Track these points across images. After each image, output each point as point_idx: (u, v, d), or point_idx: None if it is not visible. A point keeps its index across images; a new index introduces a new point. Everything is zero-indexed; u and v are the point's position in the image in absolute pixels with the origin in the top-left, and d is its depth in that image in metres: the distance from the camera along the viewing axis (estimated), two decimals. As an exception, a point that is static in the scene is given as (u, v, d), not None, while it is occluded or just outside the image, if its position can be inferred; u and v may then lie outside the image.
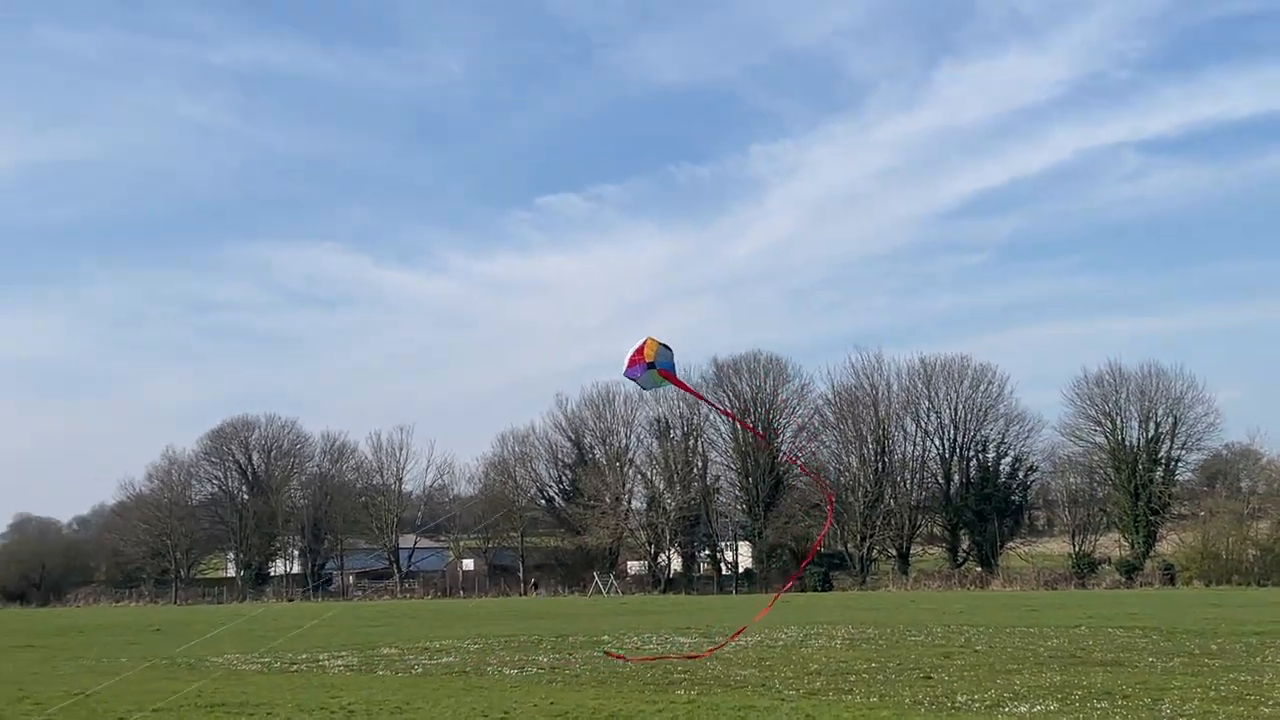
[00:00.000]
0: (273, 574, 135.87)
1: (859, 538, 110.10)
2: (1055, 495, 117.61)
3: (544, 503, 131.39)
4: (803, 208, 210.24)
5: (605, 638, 38.96)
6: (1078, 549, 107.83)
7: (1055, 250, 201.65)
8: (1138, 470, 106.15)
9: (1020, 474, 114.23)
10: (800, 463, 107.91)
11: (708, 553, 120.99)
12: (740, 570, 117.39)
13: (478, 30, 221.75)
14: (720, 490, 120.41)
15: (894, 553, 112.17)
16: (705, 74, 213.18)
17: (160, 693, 23.71)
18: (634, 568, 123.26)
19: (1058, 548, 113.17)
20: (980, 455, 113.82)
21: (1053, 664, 27.34)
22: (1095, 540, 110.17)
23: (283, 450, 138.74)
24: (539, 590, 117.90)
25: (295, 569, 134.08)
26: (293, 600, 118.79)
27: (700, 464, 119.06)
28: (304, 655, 34.59)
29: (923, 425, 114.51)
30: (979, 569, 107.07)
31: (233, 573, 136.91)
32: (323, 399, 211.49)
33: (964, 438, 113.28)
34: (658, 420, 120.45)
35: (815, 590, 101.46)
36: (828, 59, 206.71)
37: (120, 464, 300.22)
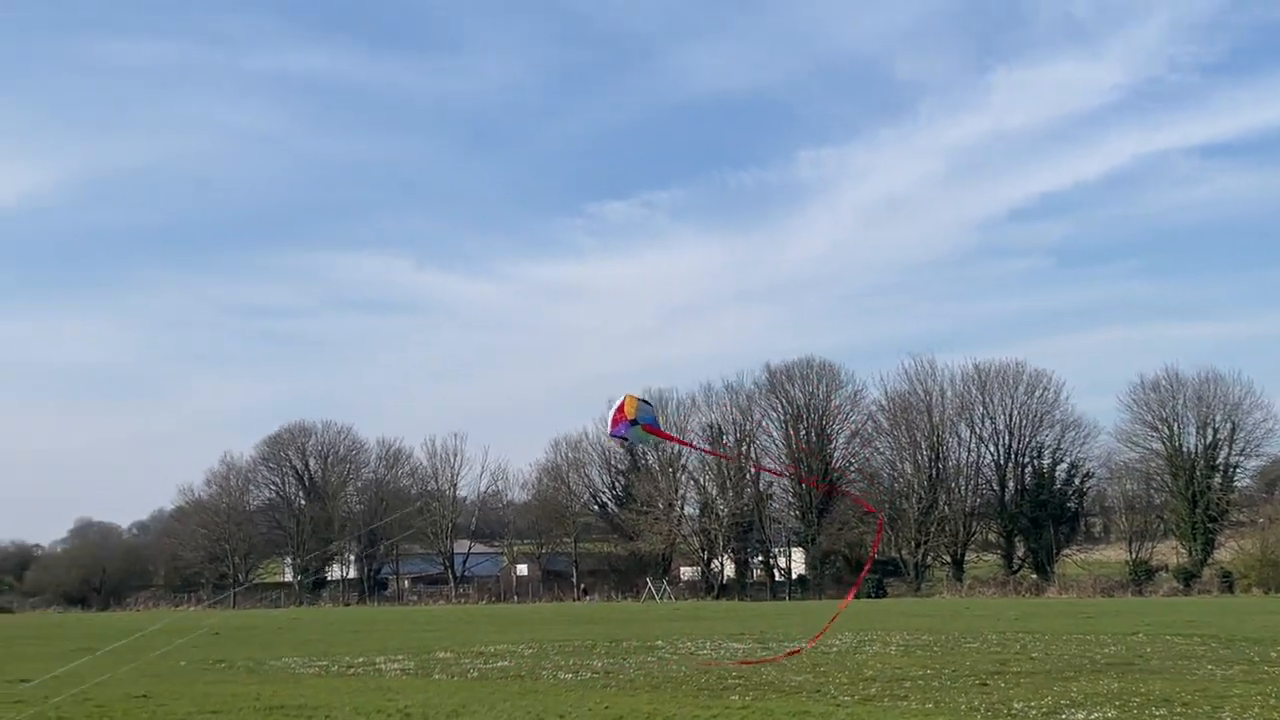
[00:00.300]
0: (329, 579, 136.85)
1: (913, 544, 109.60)
2: (1111, 502, 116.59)
3: (597, 508, 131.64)
4: (853, 213, 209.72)
5: (659, 643, 39.01)
6: (1134, 556, 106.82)
7: (1110, 255, 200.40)
8: (1195, 477, 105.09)
9: (1076, 480, 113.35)
10: (851, 492, 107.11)
11: (761, 559, 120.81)
12: (794, 577, 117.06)
13: (526, 36, 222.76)
14: (773, 496, 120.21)
15: (948, 559, 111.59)
16: (753, 80, 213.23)
17: (219, 695, 24.01)
18: (687, 574, 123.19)
19: (1114, 555, 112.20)
20: (1035, 461, 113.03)
21: (1110, 671, 27.14)
22: (1152, 547, 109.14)
23: (339, 456, 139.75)
24: (589, 596, 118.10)
25: (351, 574, 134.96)
26: (349, 604, 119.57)
27: (753, 470, 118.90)
28: (360, 659, 34.87)
29: (977, 431, 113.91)
30: (1034, 576, 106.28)
31: (290, 577, 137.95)
32: (377, 405, 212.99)
33: (1019, 444, 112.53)
34: (710, 426, 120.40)
35: (869, 597, 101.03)
36: (876, 64, 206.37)
37: (179, 469, 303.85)
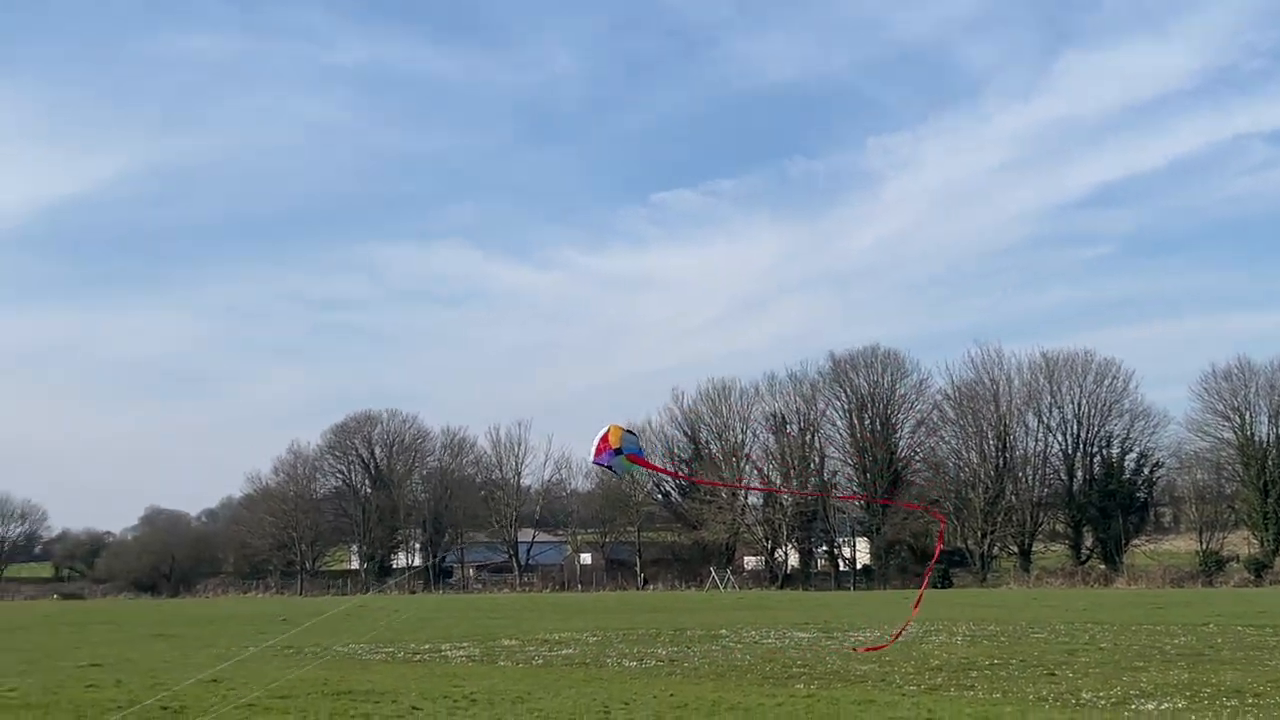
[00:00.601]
0: (395, 566, 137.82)
1: (979, 534, 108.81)
2: (1181, 492, 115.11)
3: (660, 498, 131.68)
4: (920, 200, 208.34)
5: (723, 632, 39.00)
6: (1205, 546, 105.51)
7: (1181, 243, 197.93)
8: (1267, 466, 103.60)
9: (1145, 470, 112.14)
10: (918, 504, 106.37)
11: (825, 549, 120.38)
12: (858, 567, 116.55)
13: (590, 27, 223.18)
14: (837, 486, 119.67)
15: (1015, 550, 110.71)
16: (819, 67, 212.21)
17: (287, 680, 24.24)
18: (750, 563, 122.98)
19: (1184, 545, 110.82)
20: (1104, 451, 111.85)
21: (1180, 662, 26.82)
22: (1223, 538, 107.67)
23: (404, 445, 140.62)
24: (651, 585, 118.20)
25: (417, 561, 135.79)
26: (414, 592, 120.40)
27: (817, 459, 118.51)
28: (426, 645, 35.12)
29: (1044, 420, 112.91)
30: (1103, 566, 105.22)
31: (356, 565, 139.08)
32: (441, 394, 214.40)
33: (1087, 433, 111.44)
34: (774, 415, 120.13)
35: (935, 587, 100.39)
36: (943, 50, 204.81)
37: (247, 458, 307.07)
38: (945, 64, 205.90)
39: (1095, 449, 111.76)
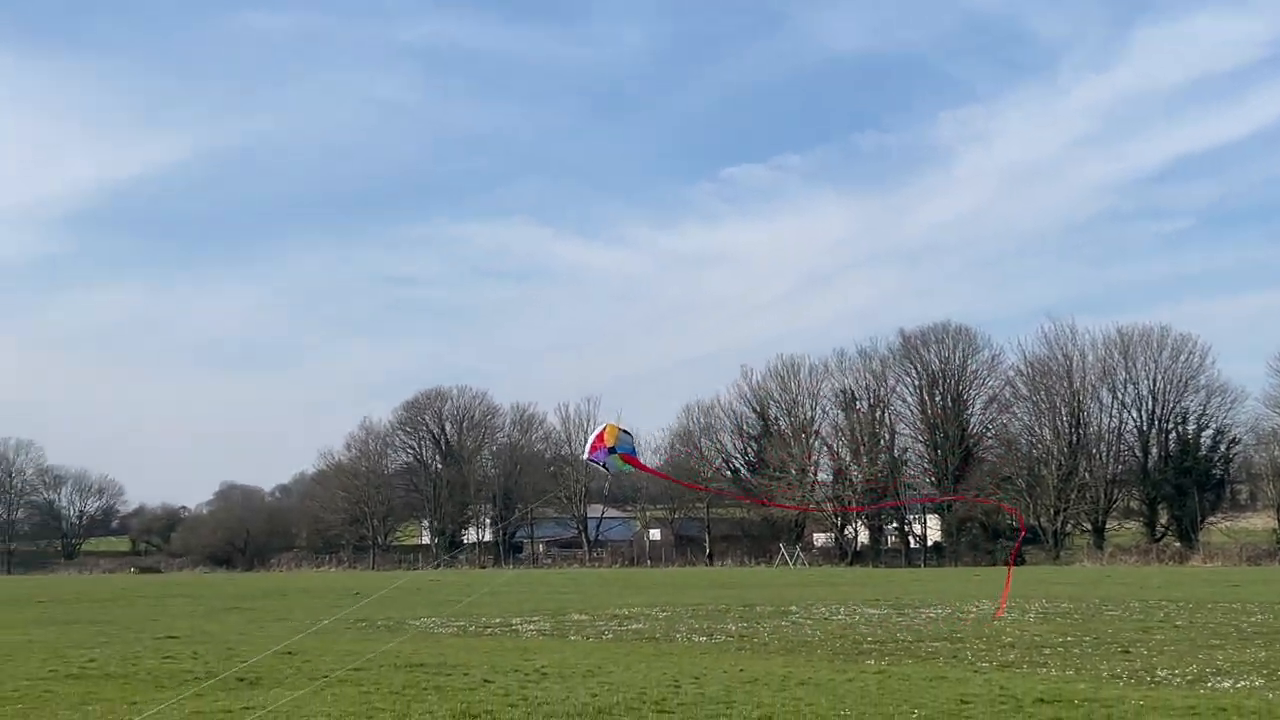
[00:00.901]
0: (465, 541, 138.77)
1: (1052, 512, 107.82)
2: (1259, 469, 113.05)
3: (729, 474, 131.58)
4: (993, 175, 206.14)
5: (793, 608, 38.95)
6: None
7: (1259, 216, 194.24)
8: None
9: (1222, 447, 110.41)
10: (1011, 508, 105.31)
11: (895, 525, 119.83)
12: (929, 543, 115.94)
13: (657, 1, 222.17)
14: (908, 462, 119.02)
15: (1088, 527, 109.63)
16: (891, 39, 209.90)
17: (360, 653, 24.49)
18: (820, 539, 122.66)
19: (1261, 523, 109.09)
20: (1180, 428, 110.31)
21: (1257, 640, 26.44)
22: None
23: (474, 421, 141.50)
24: (716, 561, 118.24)
25: (487, 536, 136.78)
26: (485, 567, 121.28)
27: (888, 435, 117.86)
28: (497, 620, 35.34)
29: (1119, 396, 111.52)
30: (1178, 544, 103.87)
31: (427, 540, 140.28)
32: (511, 371, 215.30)
33: (1163, 409, 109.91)
34: (843, 392, 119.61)
35: (1006, 564, 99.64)
36: (1017, 21, 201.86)
37: (320, 434, 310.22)
38: (1019, 36, 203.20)
39: (1170, 425, 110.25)
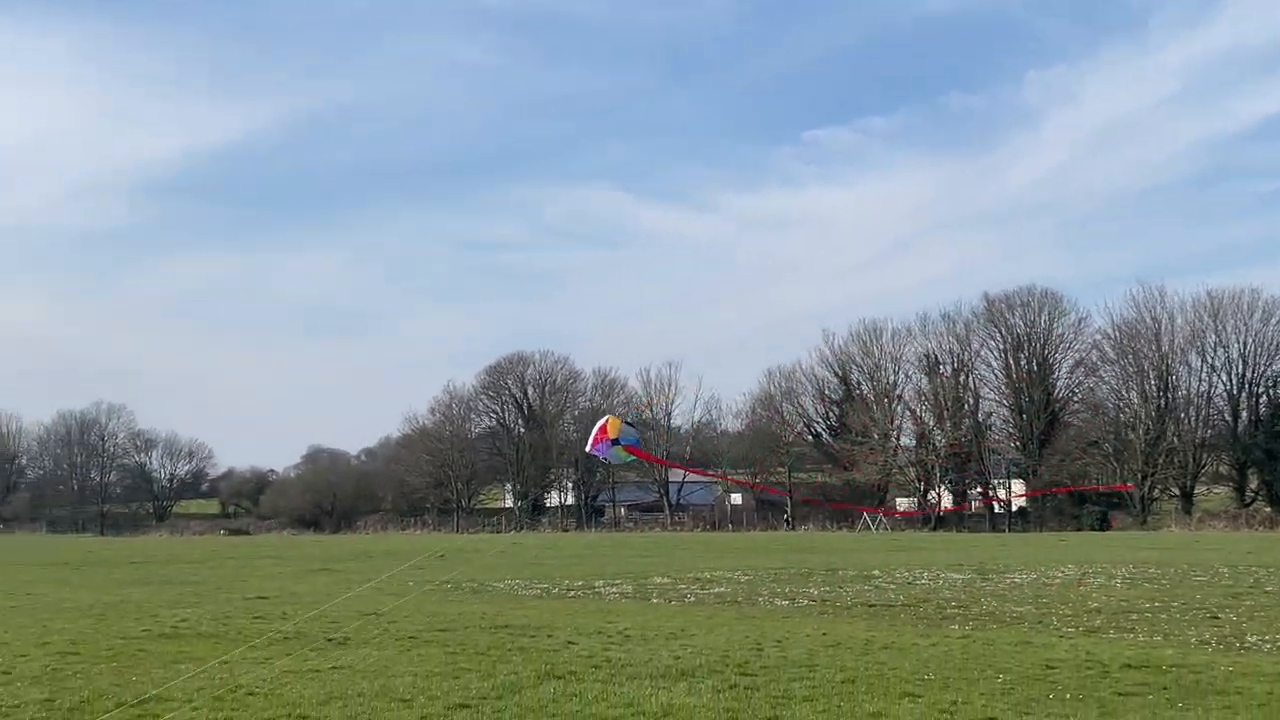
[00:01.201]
0: (548, 505, 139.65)
1: (1139, 476, 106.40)
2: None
3: (811, 438, 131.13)
4: (1080, 135, 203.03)
5: (875, 572, 38.82)
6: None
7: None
8: None
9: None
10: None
11: (979, 490, 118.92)
12: (1014, 509, 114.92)
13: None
14: (992, 427, 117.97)
15: (1176, 492, 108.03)
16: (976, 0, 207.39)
17: (446, 614, 24.77)
18: (902, 504, 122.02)
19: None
20: (1271, 392, 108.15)
21: (1352, 608, 25.97)
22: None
23: (556, 385, 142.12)
24: (798, 526, 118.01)
25: (569, 500, 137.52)
26: (567, 530, 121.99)
27: (972, 400, 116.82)
28: (580, 582, 35.57)
29: (1209, 360, 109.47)
30: (1268, 509, 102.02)
31: (510, 503, 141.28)
32: (592, 335, 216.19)
33: (1253, 373, 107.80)
34: (926, 356, 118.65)
35: (1093, 529, 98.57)
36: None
37: (404, 399, 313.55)
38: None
39: (1261, 390, 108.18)
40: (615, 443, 16.43)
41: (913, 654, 17.95)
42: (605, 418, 16.84)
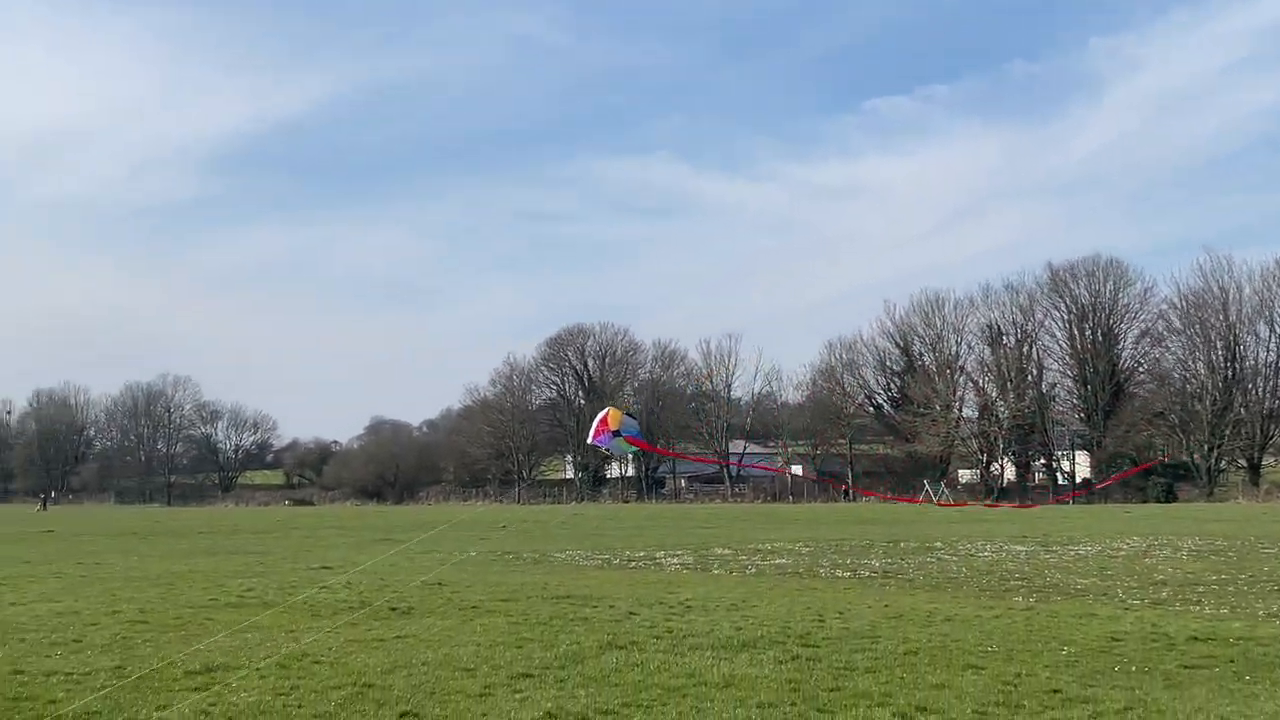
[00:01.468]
0: (609, 476, 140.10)
1: (1206, 448, 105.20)
2: None
3: (872, 410, 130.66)
4: (1146, 103, 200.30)
5: (937, 544, 38.63)
6: None
7: None
8: None
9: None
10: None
11: (1043, 462, 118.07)
12: (1078, 480, 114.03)
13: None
14: (1056, 398, 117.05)
15: (1244, 463, 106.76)
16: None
17: (508, 584, 24.91)
18: (965, 476, 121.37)
19: None
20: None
21: None
22: None
23: (616, 357, 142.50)
24: (849, 497, 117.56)
25: (630, 472, 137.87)
26: (628, 502, 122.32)
27: (1035, 371, 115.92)
28: (641, 553, 35.64)
29: (1277, 330, 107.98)
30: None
31: (571, 475, 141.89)
32: (652, 307, 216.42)
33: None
34: (989, 326, 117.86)
35: (1158, 501, 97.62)
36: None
37: (465, 371, 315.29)
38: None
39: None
40: (616, 434, 16.47)
41: (976, 626, 17.85)
42: (606, 409, 16.94)
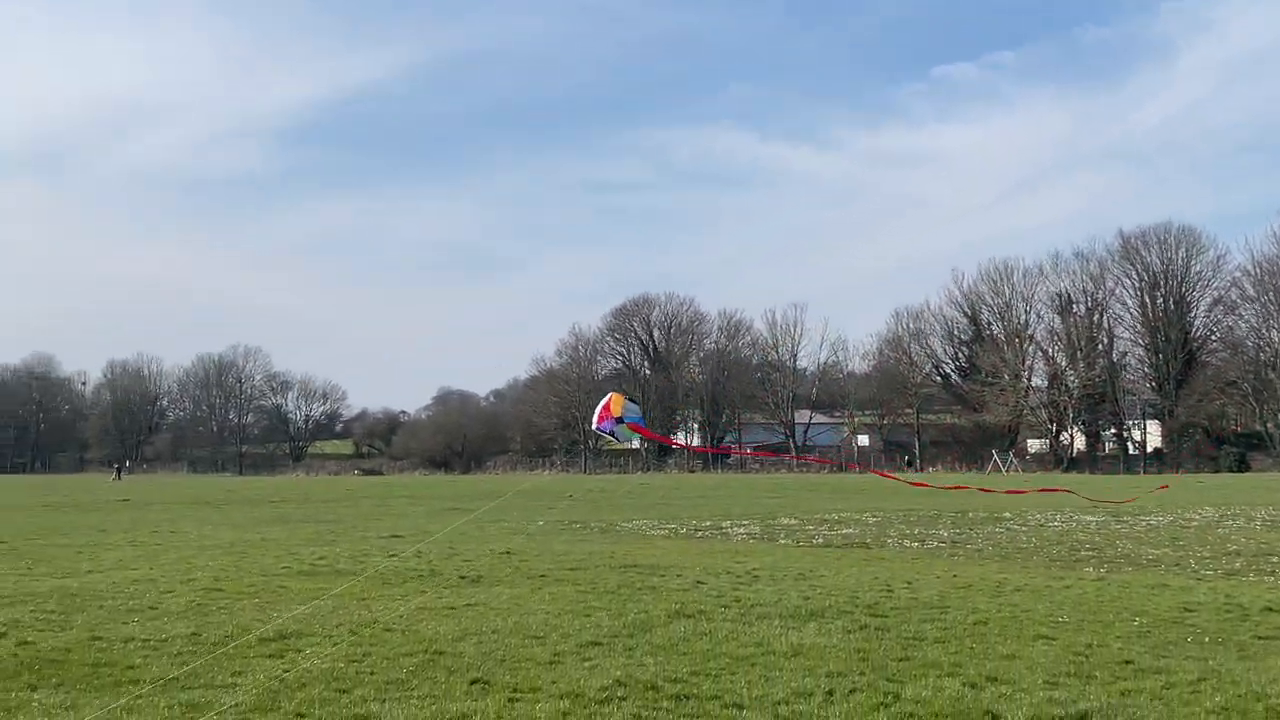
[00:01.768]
0: (674, 447, 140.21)
1: (1279, 417, 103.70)
2: None
3: (939, 379, 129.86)
4: (1218, 67, 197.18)
5: (1006, 514, 38.39)
6: None
7: None
8: None
9: None
10: None
11: (1113, 431, 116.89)
12: (1149, 450, 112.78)
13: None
14: (1127, 367, 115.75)
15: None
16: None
17: (576, 553, 25.04)
18: (1034, 446, 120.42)
19: None
20: None
21: None
22: None
23: (681, 327, 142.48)
24: (926, 467, 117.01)
25: (696, 441, 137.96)
26: (693, 471, 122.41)
27: (1106, 340, 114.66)
28: (707, 523, 35.71)
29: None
30: None
31: (637, 444, 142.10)
32: (718, 276, 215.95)
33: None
34: (1059, 295, 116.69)
35: (1230, 471, 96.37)
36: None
37: (532, 341, 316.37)
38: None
39: None
40: (620, 420, 16.50)
41: (1046, 596, 17.74)
42: (609, 395, 16.96)
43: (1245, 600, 17.27)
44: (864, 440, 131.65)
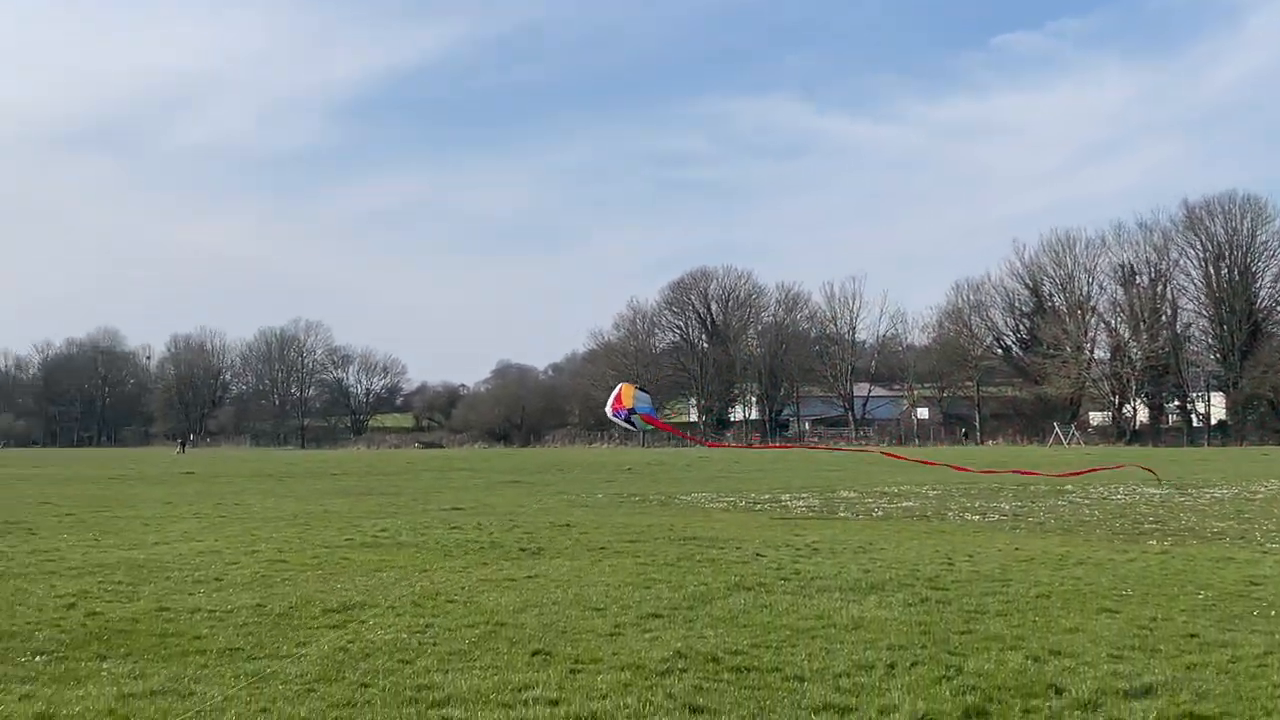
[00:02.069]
0: (732, 419, 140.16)
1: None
2: None
3: (1000, 351, 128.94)
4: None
5: (1069, 487, 38.09)
6: None
7: None
8: None
9: None
10: None
11: (1176, 404, 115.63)
12: (1213, 422, 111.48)
13: None
14: (1191, 338, 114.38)
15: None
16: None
17: (634, 526, 25.10)
18: (1096, 418, 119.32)
19: None
20: None
21: None
22: None
23: (739, 300, 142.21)
24: (986, 440, 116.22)
25: (754, 415, 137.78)
26: (751, 445, 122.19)
27: (1169, 311, 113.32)
28: (766, 496, 35.67)
29: None
30: None
31: (695, 417, 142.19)
32: (776, 249, 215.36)
33: None
34: (1122, 266, 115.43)
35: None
36: None
37: (589, 315, 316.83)
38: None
39: None
40: (633, 411, 16.54)
41: (1109, 569, 17.60)
42: (620, 385, 17.01)
43: (1313, 574, 17.07)
44: (923, 413, 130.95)
